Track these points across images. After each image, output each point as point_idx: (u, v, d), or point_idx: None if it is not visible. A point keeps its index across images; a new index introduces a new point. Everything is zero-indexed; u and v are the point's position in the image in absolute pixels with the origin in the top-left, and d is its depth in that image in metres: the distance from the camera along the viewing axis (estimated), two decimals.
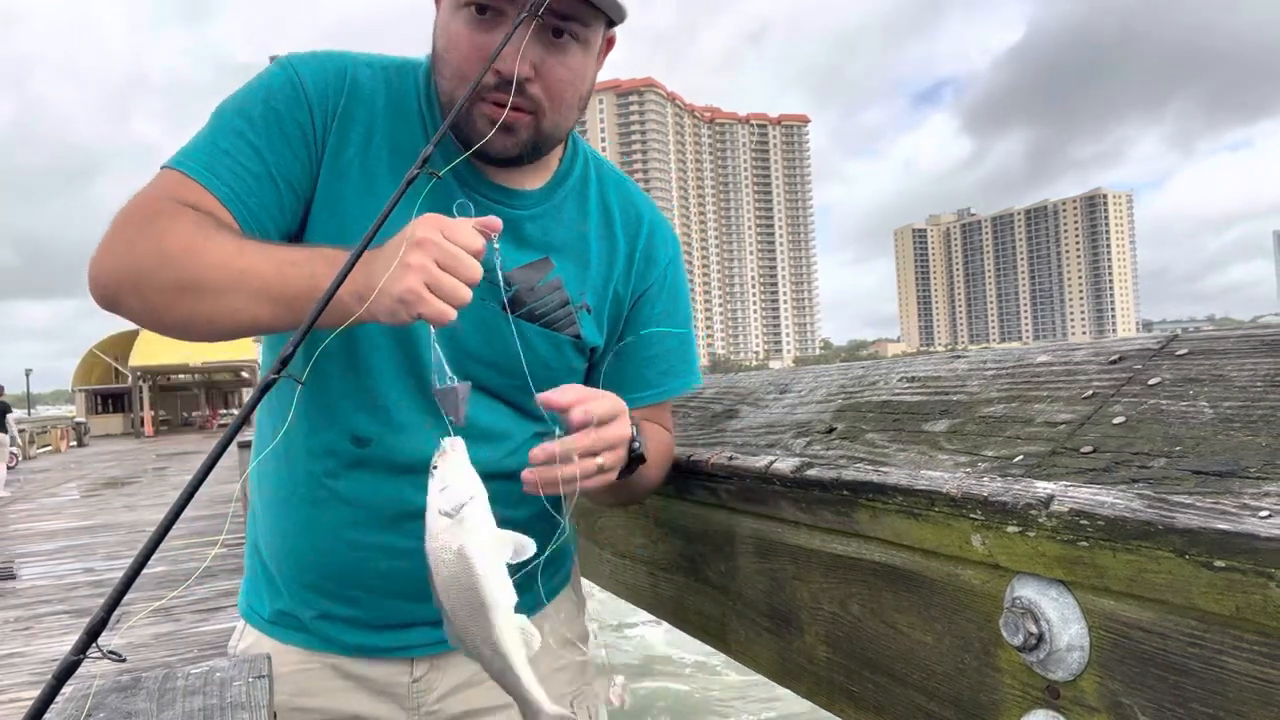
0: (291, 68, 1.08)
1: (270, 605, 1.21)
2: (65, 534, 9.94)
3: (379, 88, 1.11)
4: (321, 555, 1.14)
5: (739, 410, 1.34)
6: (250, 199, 1.02)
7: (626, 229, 1.22)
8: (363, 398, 1.11)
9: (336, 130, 1.08)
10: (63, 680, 0.71)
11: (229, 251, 0.94)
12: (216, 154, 1.02)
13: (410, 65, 1.15)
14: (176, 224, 0.96)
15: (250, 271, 0.93)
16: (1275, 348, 0.70)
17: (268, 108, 1.05)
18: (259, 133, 1.04)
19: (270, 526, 1.19)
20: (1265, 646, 0.56)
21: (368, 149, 1.09)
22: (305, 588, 1.17)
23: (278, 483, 1.17)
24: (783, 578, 1.06)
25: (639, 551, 1.46)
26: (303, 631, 1.18)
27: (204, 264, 0.94)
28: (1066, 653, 0.68)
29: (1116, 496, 0.63)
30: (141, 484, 15.29)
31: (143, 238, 0.96)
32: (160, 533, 0.76)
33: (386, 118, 1.10)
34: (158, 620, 5.75)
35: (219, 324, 0.97)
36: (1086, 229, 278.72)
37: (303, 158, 1.06)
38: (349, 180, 1.08)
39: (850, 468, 0.91)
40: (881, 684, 0.91)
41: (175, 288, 0.95)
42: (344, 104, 1.09)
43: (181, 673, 1.03)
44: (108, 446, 30.62)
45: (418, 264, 0.85)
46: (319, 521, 1.13)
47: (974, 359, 1.01)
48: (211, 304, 0.95)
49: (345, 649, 1.17)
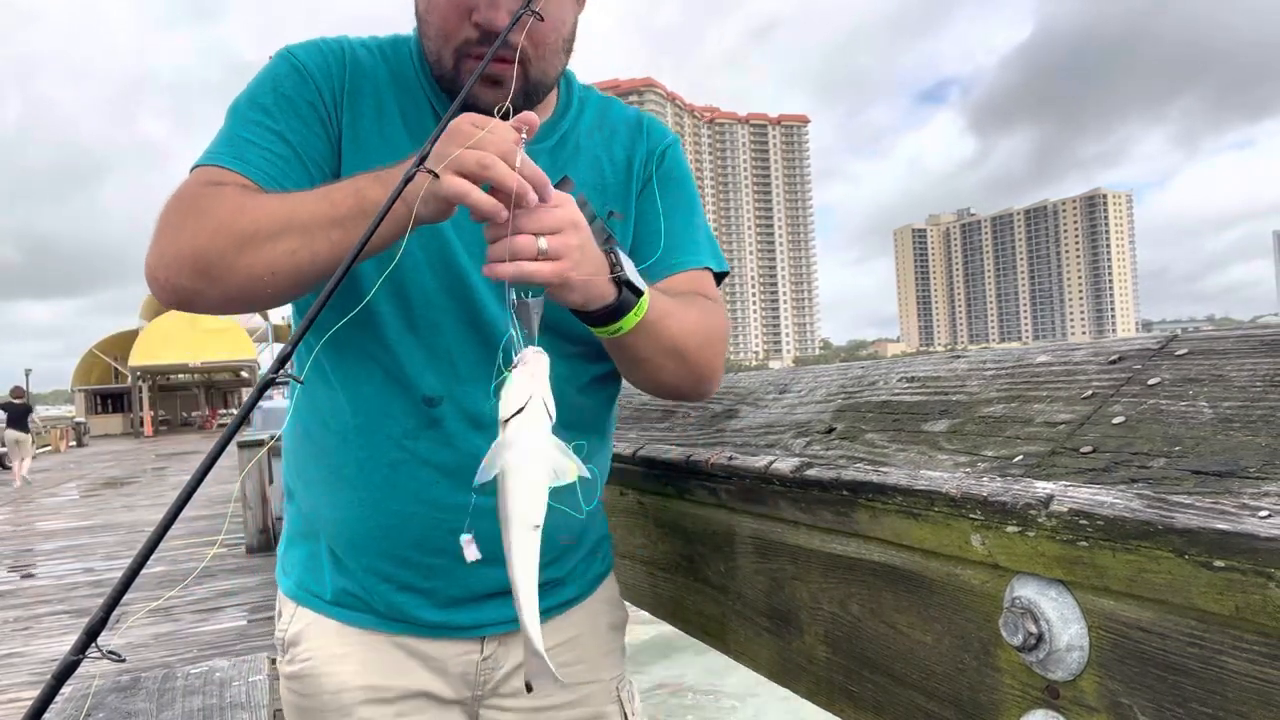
0: (291, 55, 1.12)
1: (333, 585, 1.19)
2: (65, 534, 9.94)
3: (378, 64, 1.15)
4: (403, 520, 1.13)
5: (739, 410, 1.34)
6: (285, 181, 1.04)
7: (630, 138, 1.26)
8: (427, 357, 1.11)
9: (348, 106, 1.11)
10: (62, 680, 0.71)
11: (274, 202, 0.98)
12: (242, 144, 1.05)
13: (402, 40, 1.20)
14: (221, 196, 0.99)
15: (299, 209, 0.96)
16: (1275, 348, 0.70)
17: (278, 95, 1.08)
18: (276, 118, 1.07)
19: (337, 503, 1.17)
20: (1265, 646, 0.56)
21: (382, 119, 1.12)
22: (384, 557, 1.15)
23: (345, 458, 1.15)
24: (782, 578, 1.06)
25: (638, 551, 1.46)
26: (369, 612, 1.17)
27: (254, 218, 0.96)
28: (1066, 653, 0.68)
29: (1116, 496, 0.63)
30: (141, 484, 15.30)
31: (191, 219, 0.99)
32: (160, 533, 0.76)
33: (391, 90, 1.14)
34: (157, 620, 5.75)
35: (282, 272, 0.97)
36: (1086, 229, 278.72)
37: (321, 135, 1.09)
38: (372, 150, 1.10)
39: (850, 468, 0.91)
40: (881, 684, 0.91)
41: (233, 248, 0.96)
42: (349, 81, 1.12)
43: (181, 673, 1.04)
44: (107, 446, 30.61)
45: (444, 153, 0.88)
46: (400, 485, 1.12)
47: (974, 359, 1.01)
48: (270, 251, 0.96)
49: (418, 627, 1.17)
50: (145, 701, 0.87)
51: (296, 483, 1.25)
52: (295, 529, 1.26)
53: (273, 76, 1.10)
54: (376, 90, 1.13)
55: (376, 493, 1.14)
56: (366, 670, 1.17)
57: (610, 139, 1.25)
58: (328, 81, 1.11)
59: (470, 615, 1.17)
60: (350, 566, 1.18)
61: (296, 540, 1.25)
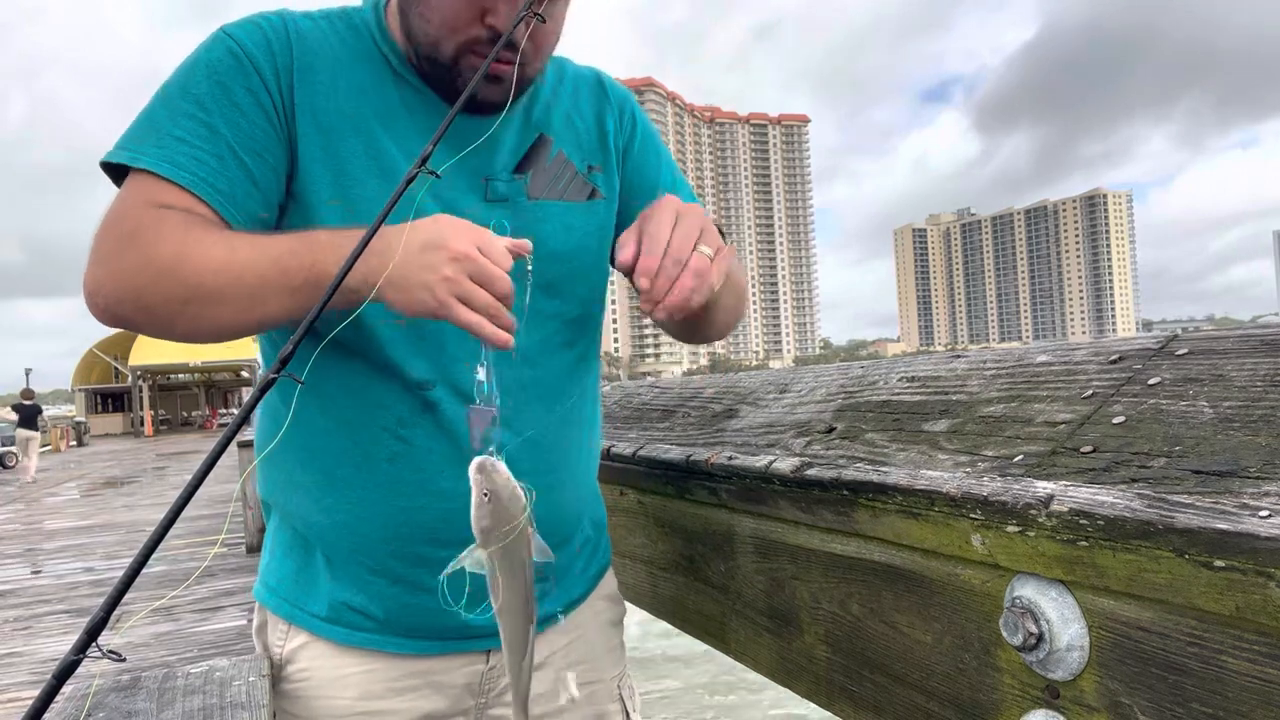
0: (228, 36, 1.06)
1: (330, 599, 1.13)
2: (65, 534, 9.93)
3: (326, 35, 1.11)
4: (412, 515, 1.08)
5: (739, 410, 1.34)
6: (219, 181, 1.00)
7: (594, 96, 1.27)
8: (412, 340, 1.08)
9: (299, 84, 1.06)
10: (62, 680, 0.71)
11: (220, 253, 0.93)
12: (172, 144, 1.00)
13: (353, 10, 1.15)
14: (162, 232, 0.95)
15: (247, 270, 0.93)
16: (1275, 348, 0.70)
17: (212, 83, 1.02)
18: (210, 110, 1.01)
19: (334, 507, 1.11)
20: (1265, 646, 0.56)
21: (337, 93, 1.08)
22: (395, 557, 1.10)
23: (339, 457, 1.10)
24: (782, 577, 1.06)
25: (638, 551, 1.46)
26: (369, 627, 1.12)
27: (198, 270, 0.93)
28: (1066, 652, 0.68)
29: (1116, 496, 0.63)
30: (141, 484, 15.30)
31: (131, 253, 0.95)
32: (160, 532, 0.76)
33: (346, 62, 1.10)
34: (157, 620, 5.75)
35: (226, 328, 0.97)
36: (1086, 229, 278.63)
37: (260, 123, 1.03)
38: (331, 128, 1.06)
39: (850, 468, 0.91)
40: (881, 684, 0.91)
41: (177, 300, 0.94)
42: (296, 57, 1.07)
43: (181, 672, 1.03)
44: (107, 446, 30.62)
45: (451, 274, 0.87)
46: (403, 478, 1.08)
47: (974, 359, 1.01)
48: (215, 310, 0.95)
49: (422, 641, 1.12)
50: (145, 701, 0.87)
51: (279, 493, 1.18)
52: (281, 542, 1.19)
53: (207, 63, 1.04)
54: (330, 63, 1.09)
55: (378, 490, 1.08)
56: (366, 695, 1.12)
57: (575, 95, 1.25)
58: (270, 62, 1.05)
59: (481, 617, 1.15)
60: (353, 574, 1.12)
61: (282, 553, 1.19)
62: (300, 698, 1.13)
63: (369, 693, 1.12)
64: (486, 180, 1.12)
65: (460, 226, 0.90)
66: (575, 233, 1.18)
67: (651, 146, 1.32)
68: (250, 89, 1.03)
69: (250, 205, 1.03)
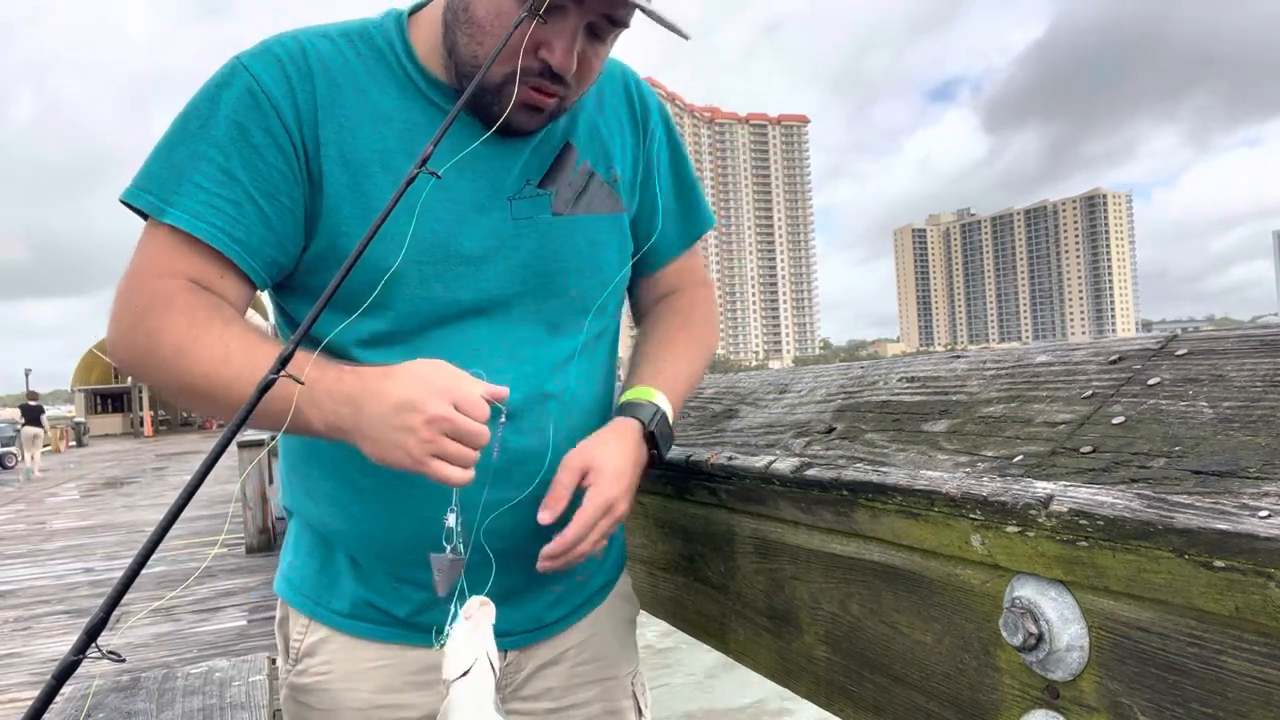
0: (245, 70, 1.04)
1: (352, 597, 1.15)
2: (64, 534, 9.93)
3: (349, 56, 1.08)
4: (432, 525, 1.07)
5: (738, 410, 1.34)
6: (236, 230, 1.01)
7: (615, 95, 1.25)
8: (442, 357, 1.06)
9: (324, 121, 1.04)
10: (62, 680, 0.71)
11: (214, 359, 0.98)
12: (191, 190, 1.01)
13: (372, 26, 1.12)
14: (167, 319, 1.00)
15: (235, 384, 0.97)
16: (1275, 348, 0.70)
17: (230, 123, 1.02)
18: (227, 152, 1.01)
19: (358, 516, 1.13)
20: (1265, 646, 0.56)
21: (362, 127, 1.06)
22: (417, 565, 1.09)
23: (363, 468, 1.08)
24: (782, 578, 1.06)
25: (638, 551, 1.46)
26: (390, 623, 1.14)
27: (191, 372, 0.99)
28: (1066, 653, 0.68)
29: (1116, 496, 0.63)
30: (141, 484, 15.30)
31: (139, 332, 1.01)
32: (160, 533, 0.76)
33: (367, 89, 1.07)
34: (157, 620, 5.75)
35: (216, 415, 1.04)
36: (1086, 229, 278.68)
37: (278, 164, 1.03)
38: (360, 165, 1.05)
39: (850, 468, 0.91)
40: (881, 684, 0.91)
41: (173, 389, 1.02)
42: (318, 87, 1.05)
43: (181, 673, 1.04)
44: (107, 446, 30.59)
45: (427, 436, 0.89)
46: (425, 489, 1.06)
47: (973, 359, 1.01)
48: (205, 405, 1.02)
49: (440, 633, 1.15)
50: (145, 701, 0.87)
51: (302, 501, 1.19)
52: (303, 542, 1.21)
53: (225, 101, 1.02)
54: (354, 92, 1.06)
55: (402, 502, 1.09)
56: (383, 689, 1.13)
57: (599, 98, 1.23)
58: (289, 101, 1.03)
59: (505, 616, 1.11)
60: (377, 579, 1.14)
61: (306, 554, 1.21)
62: (320, 690, 1.16)
63: (387, 686, 1.14)
64: (511, 200, 1.11)
65: (435, 383, 0.91)
66: (601, 247, 1.18)
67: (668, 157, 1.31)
68: (269, 130, 1.02)
69: (265, 251, 1.04)
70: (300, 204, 1.05)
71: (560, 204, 1.14)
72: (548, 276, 1.13)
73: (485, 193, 1.09)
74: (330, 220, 1.05)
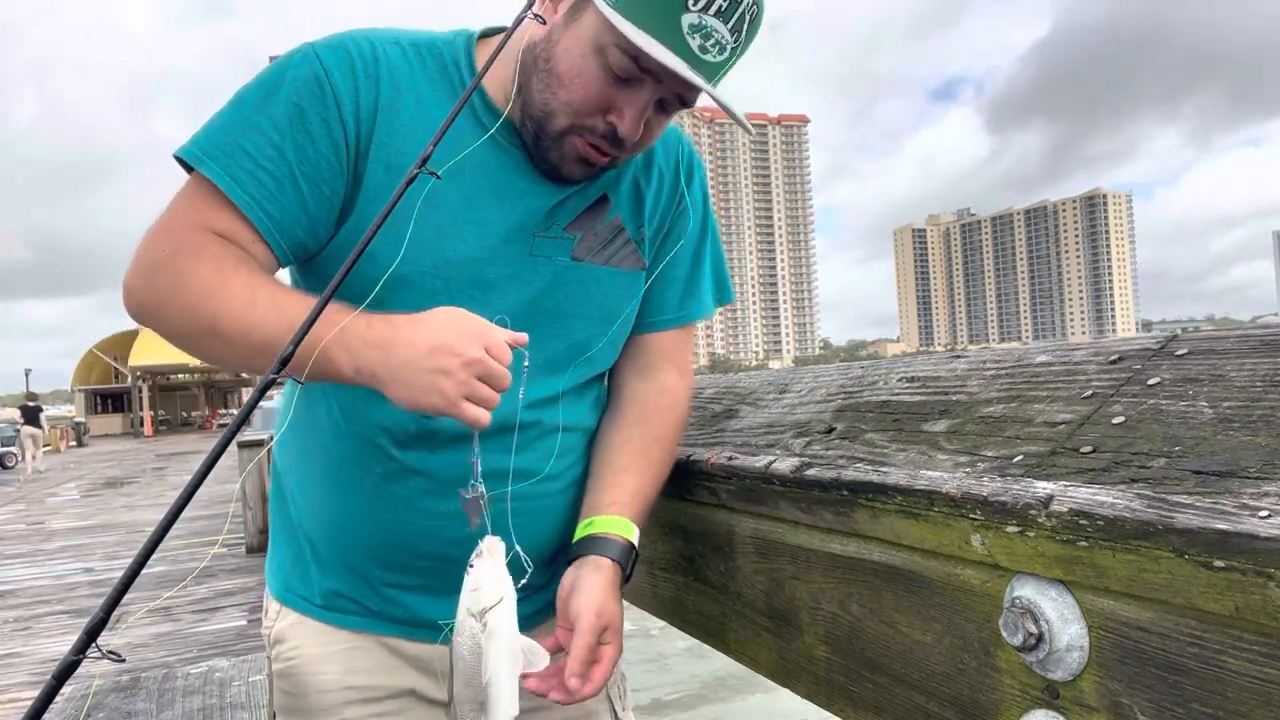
0: (316, 58, 1.06)
1: (320, 587, 1.19)
2: (64, 534, 9.93)
3: (415, 67, 1.11)
4: (398, 527, 1.13)
5: (738, 410, 1.34)
6: (271, 206, 1.03)
7: (668, 159, 1.26)
8: None
9: (380, 124, 1.07)
10: (62, 680, 0.71)
11: (242, 302, 0.99)
12: (239, 155, 1.02)
13: (441, 42, 1.14)
14: (199, 265, 1.00)
15: (260, 326, 0.98)
16: (1275, 348, 0.70)
17: (290, 104, 1.04)
18: (282, 130, 1.03)
19: (327, 507, 1.17)
20: (1265, 646, 0.56)
21: (415, 136, 1.08)
22: (377, 564, 1.16)
23: (339, 462, 1.15)
24: (782, 578, 1.06)
25: (638, 551, 1.46)
26: (359, 613, 1.18)
27: (218, 312, 0.99)
28: (1066, 653, 0.68)
29: (1116, 496, 0.63)
30: (141, 484, 15.30)
31: (168, 275, 1.02)
32: (160, 533, 0.76)
33: (427, 104, 1.10)
34: (157, 620, 5.75)
35: (232, 362, 1.05)
36: (1086, 229, 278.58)
37: (328, 154, 1.05)
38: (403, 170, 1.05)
39: (850, 468, 0.91)
40: (881, 684, 0.91)
41: (192, 329, 1.02)
42: (381, 91, 1.07)
43: (181, 673, 1.04)
44: (107, 446, 30.60)
45: (463, 378, 0.91)
46: (392, 494, 1.12)
47: (973, 359, 1.01)
48: (223, 348, 1.02)
49: (407, 626, 1.18)
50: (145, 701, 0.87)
51: (292, 482, 1.24)
52: (280, 530, 1.27)
53: (292, 81, 1.05)
54: (414, 104, 1.09)
55: (368, 500, 1.13)
56: (352, 670, 1.17)
57: (649, 156, 1.24)
58: (352, 98, 1.05)
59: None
60: (338, 570, 1.18)
61: (282, 542, 1.26)
62: (291, 674, 1.20)
63: (355, 668, 1.17)
64: (535, 236, 1.13)
65: (465, 327, 0.94)
66: (615, 300, 1.19)
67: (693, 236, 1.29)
68: (326, 120, 1.04)
69: (295, 232, 1.06)
70: (340, 195, 1.07)
71: (582, 250, 1.16)
72: (554, 316, 1.15)
73: (514, 226, 1.12)
74: (359, 217, 1.07)
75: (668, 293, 1.27)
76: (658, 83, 1.02)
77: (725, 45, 1.01)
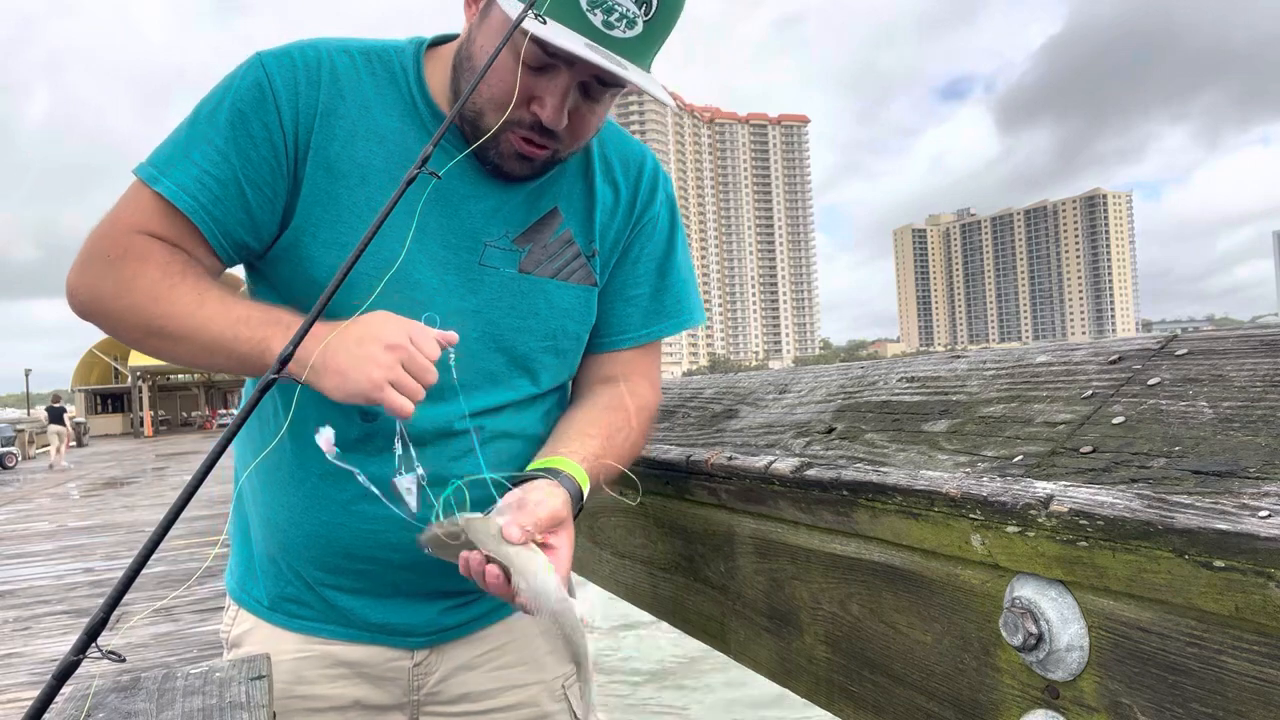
0: (261, 66, 1.09)
1: (270, 590, 1.21)
2: (64, 534, 9.93)
3: (361, 75, 1.12)
4: (333, 529, 1.14)
5: (738, 410, 1.34)
6: (215, 209, 1.06)
7: (626, 175, 1.26)
8: None
9: (319, 128, 1.09)
10: (62, 680, 0.71)
11: (189, 303, 1.03)
12: (185, 164, 1.06)
13: (392, 49, 1.16)
14: (144, 269, 1.04)
15: (207, 326, 1.02)
16: (1275, 348, 0.70)
17: (234, 110, 1.07)
18: (225, 137, 1.07)
19: (272, 506, 1.18)
20: (1265, 646, 0.56)
21: (354, 140, 1.10)
22: (313, 564, 1.17)
23: (279, 461, 1.15)
24: (782, 578, 1.06)
25: (638, 551, 1.46)
26: (304, 619, 1.19)
27: (166, 313, 1.03)
28: (1066, 653, 0.68)
29: (1116, 496, 0.63)
30: (141, 484, 15.30)
31: (112, 278, 1.05)
32: (160, 533, 0.76)
33: (371, 108, 1.11)
34: (157, 620, 5.75)
35: (179, 362, 1.09)
36: (1086, 229, 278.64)
37: (268, 157, 1.07)
38: (341, 174, 1.09)
39: (850, 468, 0.91)
40: (881, 684, 0.91)
41: (140, 330, 1.06)
42: (323, 98, 1.09)
43: (181, 673, 1.04)
44: (107, 447, 30.61)
45: (387, 363, 0.94)
46: (330, 495, 1.13)
47: (973, 359, 1.01)
48: (172, 348, 1.06)
49: (352, 629, 1.18)
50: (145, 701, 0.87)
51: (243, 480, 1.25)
52: (238, 530, 1.28)
53: (236, 90, 1.08)
54: (357, 109, 1.10)
55: (307, 500, 1.14)
56: (300, 680, 1.18)
57: (608, 171, 1.24)
58: (292, 100, 1.08)
59: (401, 616, 1.18)
60: (284, 570, 1.19)
61: (238, 541, 1.28)
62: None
63: (302, 677, 1.18)
64: (486, 245, 1.14)
65: (394, 322, 0.97)
66: (561, 315, 1.19)
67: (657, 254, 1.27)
68: (266, 124, 1.07)
69: (239, 234, 1.09)
70: (282, 197, 1.10)
71: (529, 263, 1.16)
72: (496, 328, 1.15)
73: (458, 232, 1.12)
74: (299, 219, 1.09)
75: (630, 310, 1.26)
76: (570, 66, 1.01)
77: (634, 18, 1.00)
